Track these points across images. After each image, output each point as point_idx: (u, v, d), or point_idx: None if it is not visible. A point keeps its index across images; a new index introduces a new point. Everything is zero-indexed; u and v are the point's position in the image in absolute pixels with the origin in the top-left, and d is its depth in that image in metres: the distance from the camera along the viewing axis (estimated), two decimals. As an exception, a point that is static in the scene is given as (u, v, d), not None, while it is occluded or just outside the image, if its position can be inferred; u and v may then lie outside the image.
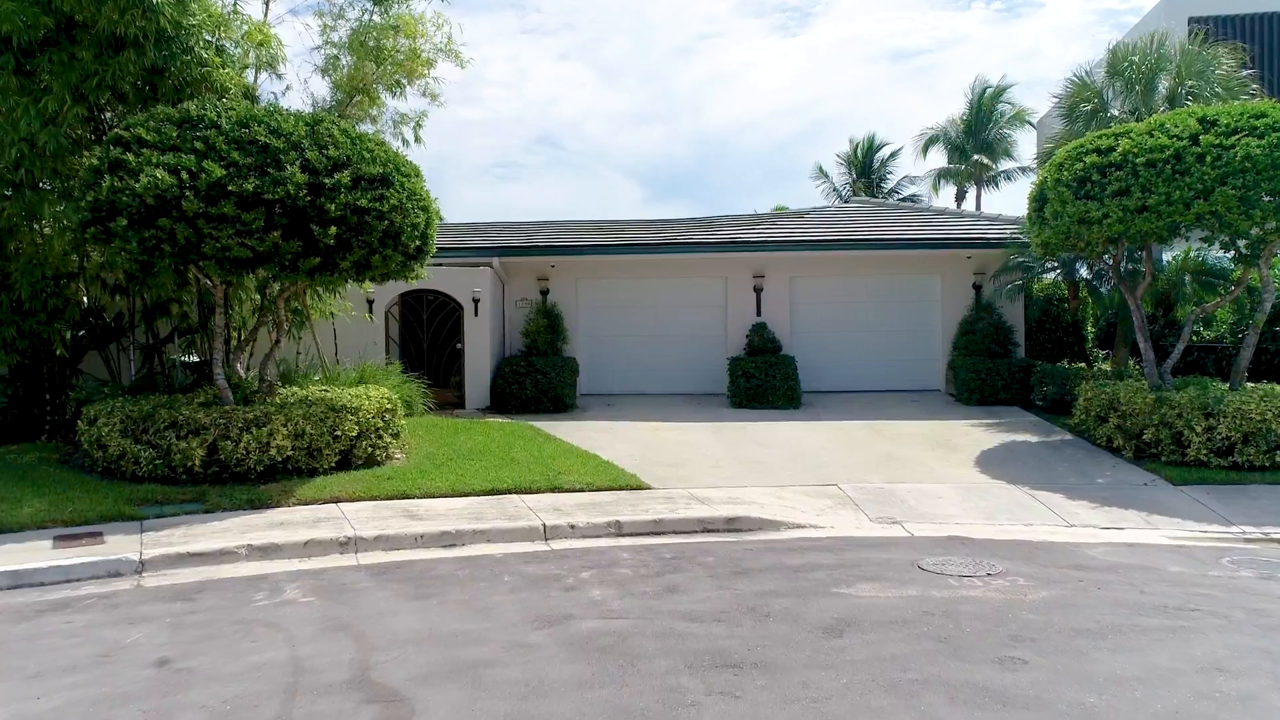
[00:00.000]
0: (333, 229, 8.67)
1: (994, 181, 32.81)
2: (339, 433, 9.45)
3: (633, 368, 16.21)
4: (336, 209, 8.68)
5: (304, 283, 9.65)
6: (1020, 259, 13.87)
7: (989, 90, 30.24)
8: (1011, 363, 14.25)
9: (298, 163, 8.64)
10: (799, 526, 7.98)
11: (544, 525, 7.70)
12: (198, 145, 8.50)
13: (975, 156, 30.11)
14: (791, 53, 71.66)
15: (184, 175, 8.29)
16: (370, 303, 14.18)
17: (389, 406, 10.28)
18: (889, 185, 34.97)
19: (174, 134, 8.64)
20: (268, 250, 8.60)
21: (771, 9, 76.56)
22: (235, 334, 11.55)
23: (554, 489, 9.17)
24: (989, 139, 30.46)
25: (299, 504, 8.51)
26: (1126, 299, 11.73)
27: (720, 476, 9.97)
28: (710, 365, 15.96)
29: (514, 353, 15.77)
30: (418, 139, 13.59)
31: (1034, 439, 11.69)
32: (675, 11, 74.85)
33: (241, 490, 8.74)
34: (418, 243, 9.68)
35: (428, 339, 14.81)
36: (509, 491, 9.05)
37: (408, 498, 8.79)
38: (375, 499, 8.70)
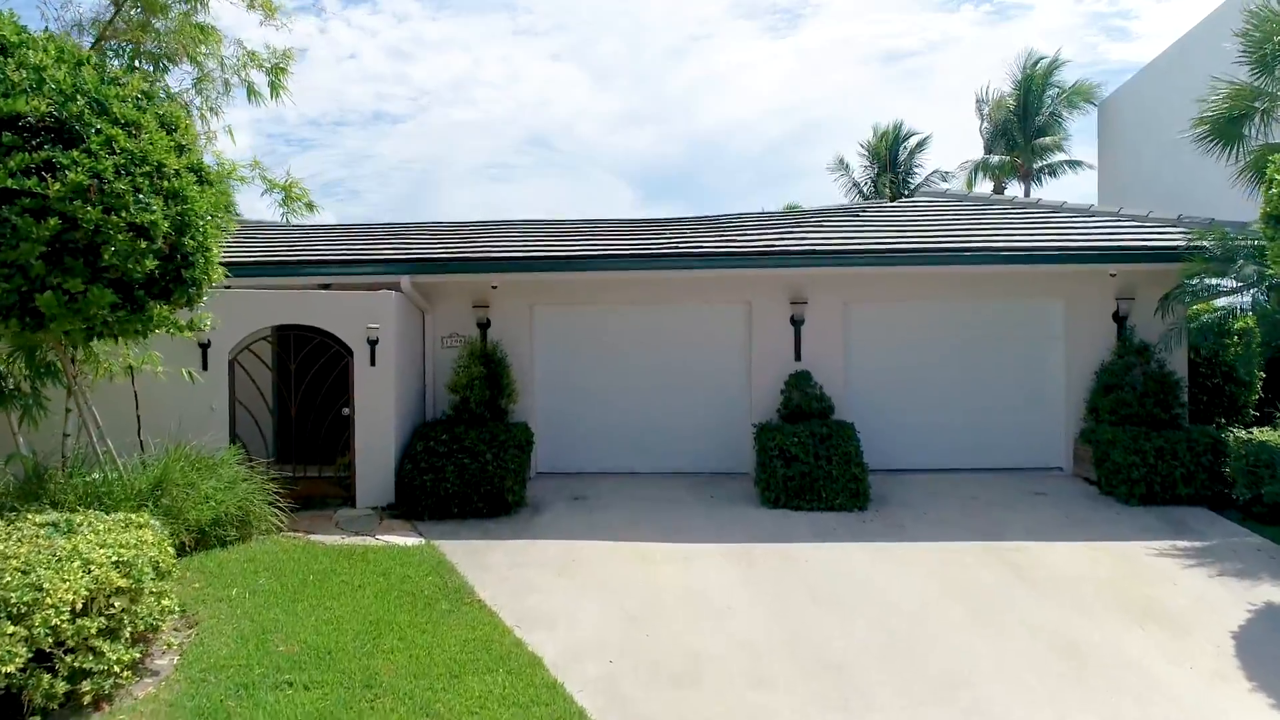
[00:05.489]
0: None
1: (1037, 176, 28.00)
2: (-28, 670, 4.43)
3: (613, 434, 11.24)
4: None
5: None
6: (1219, 279, 8.94)
7: (1041, 63, 25.32)
8: (1192, 438, 9.29)
9: None
10: None
11: None
12: None
13: (1035, 141, 25.17)
14: (782, 54, 67.79)
15: None
16: (204, 348, 9.17)
17: (120, 585, 5.26)
18: (916, 180, 30.14)
19: None
20: None
21: (763, 10, 72.36)
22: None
23: (428, 797, 4.22)
24: (1042, 124, 25.57)
25: None
26: None
27: (775, 724, 5.03)
28: (727, 430, 11.02)
29: (438, 415, 10.79)
30: (275, 93, 8.68)
31: (1304, 597, 6.79)
32: (668, 13, 70.50)
33: None
34: (150, 264, 4.67)
35: (298, 401, 9.78)
36: (324, 816, 4.09)
37: None
38: None
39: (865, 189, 30.47)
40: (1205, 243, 9.10)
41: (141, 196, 4.46)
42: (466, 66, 74.10)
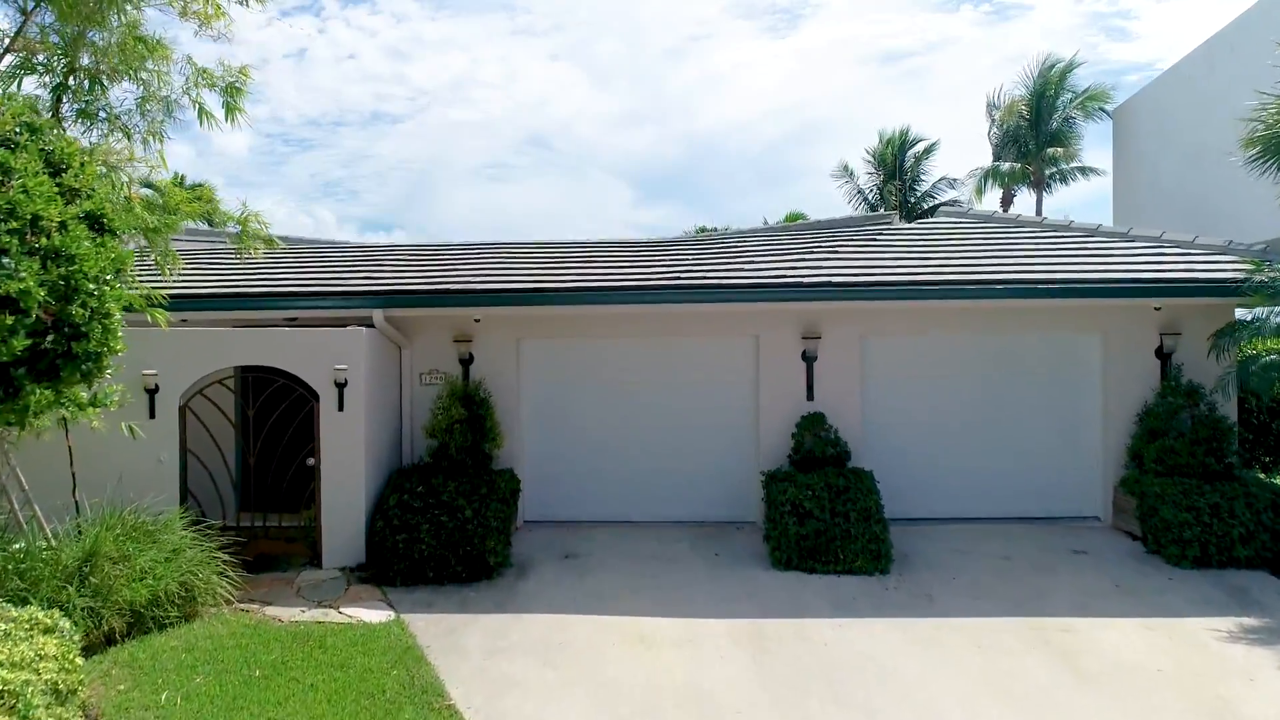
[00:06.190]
0: None
1: (1048, 184, 27.04)
2: None
3: (607, 479, 10.30)
4: None
5: None
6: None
7: (1057, 66, 24.35)
8: (1251, 492, 8.36)
9: None
10: None
11: None
12: None
13: (1050, 150, 24.21)
14: (781, 54, 67.25)
15: None
16: (151, 394, 8.25)
17: (2, 726, 4.35)
18: (923, 188, 29.21)
19: None
20: None
21: (762, 11, 71.86)
22: None
23: None
24: (1055, 130, 24.62)
25: None
26: None
27: None
28: (733, 476, 10.09)
29: (416, 459, 9.88)
30: (230, 115, 7.70)
31: (1405, 701, 5.86)
32: (666, 13, 70.01)
33: None
34: (21, 344, 3.80)
35: (257, 449, 8.85)
36: None
37: None
38: None
39: (870, 196, 29.54)
40: (1264, 276, 8.17)
41: (8, 260, 3.56)
42: (465, 66, 73.58)
